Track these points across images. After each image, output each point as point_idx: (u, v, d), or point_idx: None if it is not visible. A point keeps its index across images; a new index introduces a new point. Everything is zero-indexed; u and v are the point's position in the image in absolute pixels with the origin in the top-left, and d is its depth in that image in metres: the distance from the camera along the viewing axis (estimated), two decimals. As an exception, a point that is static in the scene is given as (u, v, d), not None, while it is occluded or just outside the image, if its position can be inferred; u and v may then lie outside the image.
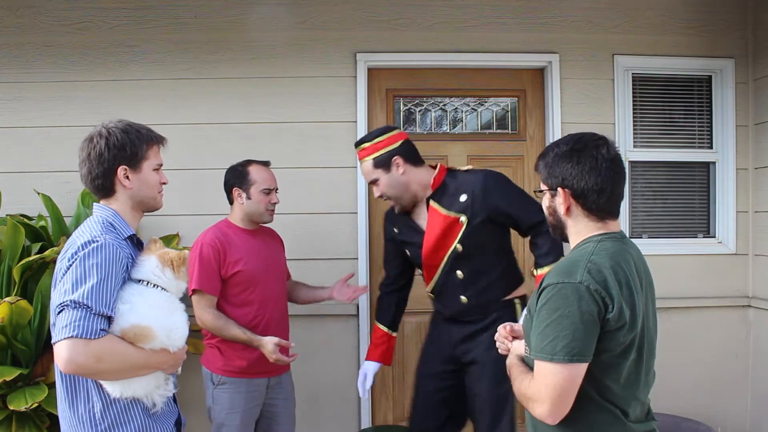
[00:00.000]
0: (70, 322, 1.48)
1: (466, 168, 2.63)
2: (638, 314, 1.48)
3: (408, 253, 2.67)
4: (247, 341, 2.50)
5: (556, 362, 1.41)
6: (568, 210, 1.57)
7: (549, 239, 2.41)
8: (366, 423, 3.34)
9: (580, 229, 1.58)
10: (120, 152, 1.69)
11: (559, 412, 1.44)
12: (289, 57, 3.36)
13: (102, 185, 1.71)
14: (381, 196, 2.56)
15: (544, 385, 1.43)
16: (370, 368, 2.73)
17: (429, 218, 2.53)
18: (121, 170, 1.70)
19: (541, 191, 1.64)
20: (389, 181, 2.51)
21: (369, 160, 2.52)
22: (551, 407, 1.44)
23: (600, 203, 1.54)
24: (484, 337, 2.49)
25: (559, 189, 1.57)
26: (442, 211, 2.50)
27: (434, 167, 2.59)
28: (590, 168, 1.52)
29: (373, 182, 2.55)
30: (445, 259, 2.51)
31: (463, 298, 2.53)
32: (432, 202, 2.53)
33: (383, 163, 2.51)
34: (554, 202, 1.60)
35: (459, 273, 2.52)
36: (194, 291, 2.50)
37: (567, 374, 1.41)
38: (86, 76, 3.30)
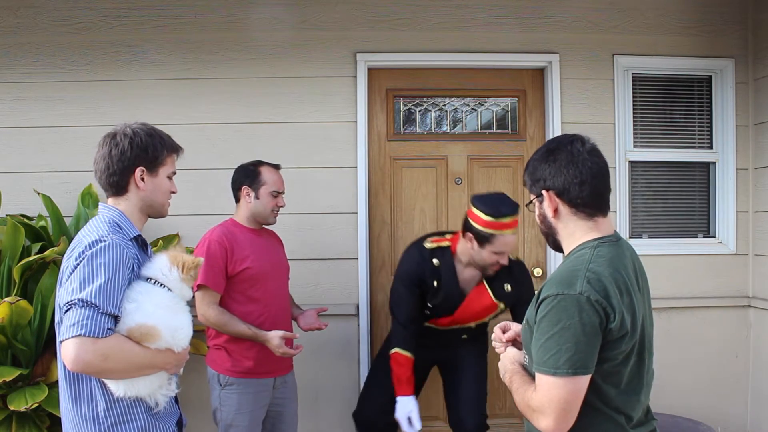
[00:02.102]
0: (77, 320, 1.49)
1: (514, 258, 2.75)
2: (638, 319, 1.47)
3: (431, 303, 2.71)
4: (252, 337, 2.50)
5: (560, 376, 1.38)
6: (555, 212, 1.55)
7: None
8: (366, 423, 3.33)
9: (572, 231, 1.55)
10: (142, 153, 1.73)
11: (564, 425, 1.42)
12: (289, 57, 3.36)
13: (117, 182, 1.73)
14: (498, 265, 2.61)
15: (548, 399, 1.41)
16: (411, 405, 2.67)
17: (475, 294, 2.71)
18: (138, 171, 1.73)
19: (531, 203, 1.63)
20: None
21: (516, 231, 2.61)
22: (556, 421, 1.41)
23: (583, 196, 1.51)
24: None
25: (543, 192, 1.56)
26: (491, 294, 2.69)
27: None
28: (567, 162, 1.51)
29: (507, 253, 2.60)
30: (469, 325, 2.78)
31: (464, 336, 2.83)
32: (485, 282, 2.70)
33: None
34: (543, 208, 1.59)
35: (472, 325, 2.81)
36: (199, 287, 2.49)
37: (571, 387, 1.39)
38: (86, 76, 3.30)
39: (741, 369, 3.53)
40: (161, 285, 1.67)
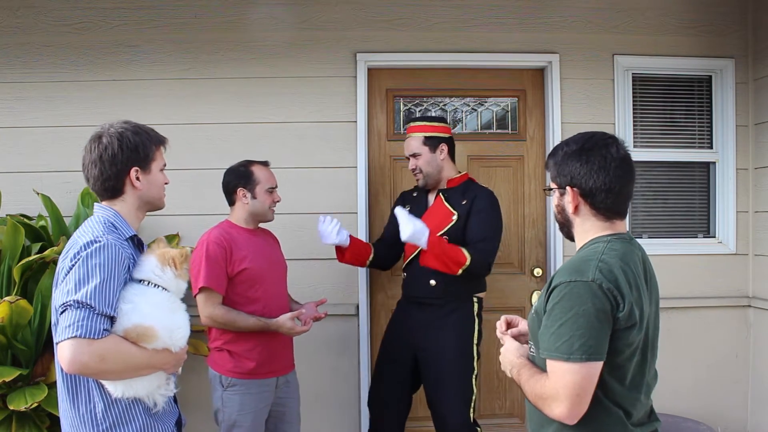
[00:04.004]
0: (73, 322, 1.49)
1: (481, 184, 3.01)
2: (645, 315, 1.49)
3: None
4: (263, 327, 2.52)
5: (574, 361, 1.40)
6: (576, 209, 1.58)
7: (478, 256, 2.73)
8: (365, 422, 3.33)
9: (587, 228, 1.58)
10: (133, 154, 1.71)
11: (578, 411, 1.43)
12: (289, 57, 3.36)
13: (113, 186, 1.72)
14: (414, 169, 2.93)
15: (562, 385, 1.42)
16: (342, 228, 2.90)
17: (434, 205, 2.95)
18: (133, 171, 1.72)
19: (550, 189, 1.64)
20: (430, 159, 2.90)
21: (420, 136, 2.91)
22: (570, 407, 1.42)
23: (608, 203, 1.54)
24: (442, 322, 2.83)
25: (567, 188, 1.57)
26: (445, 203, 2.89)
27: (459, 171, 2.99)
28: (599, 167, 1.52)
29: (413, 155, 2.91)
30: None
31: (432, 282, 2.83)
32: (441, 195, 2.92)
33: (431, 144, 2.89)
34: (563, 201, 1.60)
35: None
36: (201, 289, 2.49)
37: (585, 373, 1.40)
38: (86, 76, 3.30)
39: (741, 369, 3.53)
40: (155, 286, 1.66)
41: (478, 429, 2.84)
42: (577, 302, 1.41)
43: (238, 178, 2.65)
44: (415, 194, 3.04)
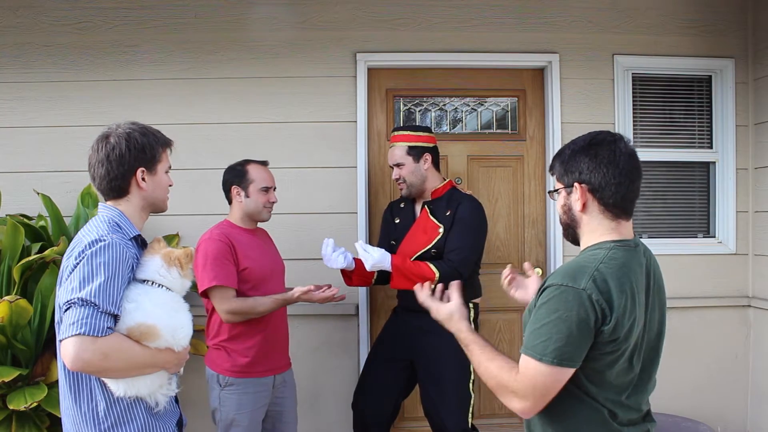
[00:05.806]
0: (77, 319, 1.49)
1: (466, 192, 3.00)
2: (636, 327, 1.47)
3: (394, 242, 2.97)
4: (281, 303, 2.55)
5: (545, 363, 1.41)
6: (584, 206, 1.55)
7: (447, 268, 2.71)
8: (366, 423, 3.34)
9: (594, 228, 1.56)
10: (140, 154, 1.72)
11: (538, 409, 1.47)
12: (289, 57, 3.36)
13: (119, 186, 1.73)
14: (398, 179, 2.91)
15: (531, 385, 1.43)
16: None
17: (420, 218, 2.93)
18: (139, 172, 1.73)
19: (556, 191, 1.62)
20: (414, 169, 2.88)
21: (404, 146, 2.88)
22: (534, 405, 1.45)
23: (617, 197, 1.52)
24: (439, 329, 2.67)
25: (575, 185, 1.55)
26: (431, 217, 2.87)
27: (444, 179, 2.96)
28: (608, 161, 1.51)
29: (397, 165, 2.89)
30: (418, 254, 2.81)
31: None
32: (426, 207, 2.91)
33: (415, 153, 2.87)
34: (570, 200, 1.58)
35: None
36: (213, 288, 2.46)
37: (554, 377, 1.41)
38: (86, 76, 3.30)
39: (741, 369, 3.53)
40: (159, 285, 1.67)
41: None
42: (562, 307, 1.41)
43: (233, 177, 2.66)
44: (402, 205, 3.03)
